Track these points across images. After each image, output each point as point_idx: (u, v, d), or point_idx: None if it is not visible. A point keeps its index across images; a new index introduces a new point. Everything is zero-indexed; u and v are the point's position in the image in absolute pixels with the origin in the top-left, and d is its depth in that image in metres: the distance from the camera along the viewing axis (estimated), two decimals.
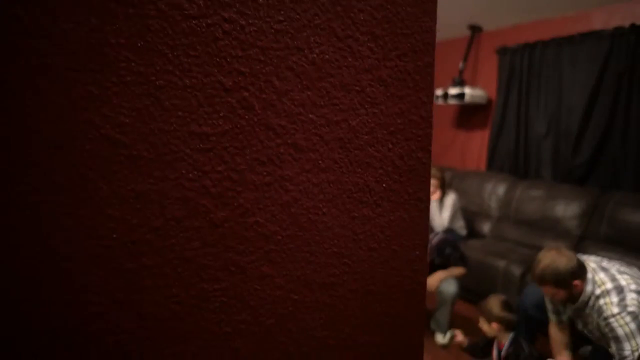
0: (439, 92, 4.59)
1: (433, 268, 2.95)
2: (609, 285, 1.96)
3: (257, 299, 0.44)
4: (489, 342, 2.38)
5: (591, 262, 2.10)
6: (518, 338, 2.26)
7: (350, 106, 0.48)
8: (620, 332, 1.86)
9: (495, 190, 4.21)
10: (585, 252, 3.37)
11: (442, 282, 2.91)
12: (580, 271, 1.98)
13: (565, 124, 3.89)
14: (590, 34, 3.64)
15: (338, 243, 0.48)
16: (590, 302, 1.99)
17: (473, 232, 4.19)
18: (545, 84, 4.03)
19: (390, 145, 0.50)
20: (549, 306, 2.27)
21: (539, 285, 2.07)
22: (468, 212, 4.36)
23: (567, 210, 3.60)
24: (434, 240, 2.91)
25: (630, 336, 1.85)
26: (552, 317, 2.28)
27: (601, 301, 1.96)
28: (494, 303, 2.28)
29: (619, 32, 3.45)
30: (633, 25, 3.38)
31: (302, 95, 0.45)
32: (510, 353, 2.24)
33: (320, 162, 0.47)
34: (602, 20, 3.66)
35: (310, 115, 0.46)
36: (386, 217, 0.51)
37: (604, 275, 2.01)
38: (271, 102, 0.44)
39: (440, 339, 2.99)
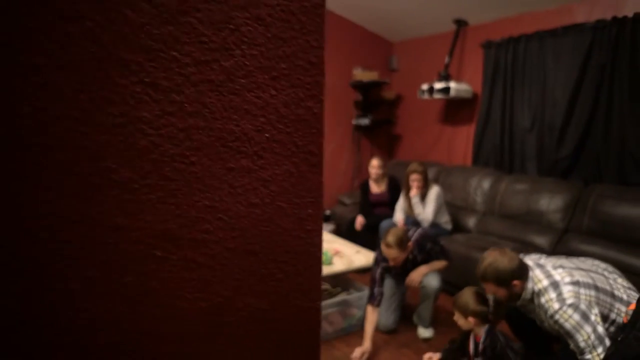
0: (424, 86, 4.56)
1: (415, 264, 2.91)
2: (545, 282, 1.96)
3: (110, 253, 0.40)
4: (465, 336, 2.35)
5: (530, 260, 2.11)
6: (493, 329, 2.22)
7: (222, 45, 0.44)
8: (567, 326, 1.85)
9: (481, 185, 4.18)
10: (568, 244, 3.35)
11: (425, 276, 2.87)
12: (520, 272, 1.99)
13: (550, 117, 3.86)
14: (572, 27, 3.62)
15: (211, 196, 0.44)
16: (535, 301, 2.00)
17: (458, 227, 4.16)
18: (530, 77, 4.00)
19: (274, 92, 0.46)
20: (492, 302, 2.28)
21: (482, 282, 2.07)
22: (454, 207, 4.33)
23: (551, 203, 3.57)
24: (414, 236, 2.88)
25: (577, 327, 1.83)
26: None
27: (542, 299, 1.95)
28: (469, 297, 2.25)
29: (600, 24, 3.43)
30: (614, 18, 3.35)
31: (162, 30, 0.41)
32: (487, 345, 2.20)
33: (186, 105, 0.42)
34: (584, 13, 3.64)
35: (173, 53, 0.42)
36: (269, 170, 0.47)
37: (539, 272, 2.01)
38: (123, 35, 0.40)
39: (423, 332, 2.96)
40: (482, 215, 4.12)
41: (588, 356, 1.82)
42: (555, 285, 1.93)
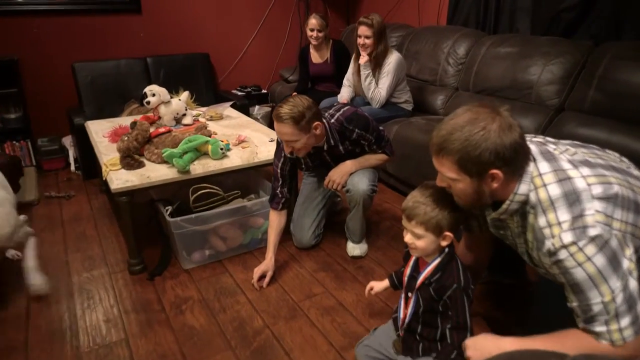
0: None
1: (340, 158, 2.00)
2: (556, 189, 1.05)
3: None
4: (405, 259, 1.52)
5: (532, 144, 1.16)
6: (453, 260, 1.38)
7: None
8: (579, 275, 1.00)
9: (455, 50, 3.13)
10: (562, 128, 2.44)
11: (351, 176, 1.98)
12: (511, 155, 1.03)
13: None
14: None
15: None
16: (528, 219, 1.12)
17: (421, 107, 3.20)
18: None
19: None
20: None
21: (435, 159, 1.14)
22: (418, 83, 3.33)
23: (545, 71, 2.59)
24: (335, 115, 1.90)
25: (597, 279, 0.99)
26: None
27: (541, 220, 1.07)
28: (431, 198, 1.32)
29: None
30: None
31: None
32: (436, 283, 1.37)
33: None
34: None
35: None
36: None
37: (546, 166, 1.09)
38: None
39: (352, 249, 2.16)
40: (454, 91, 3.14)
41: (600, 328, 1.00)
42: (574, 197, 1.03)
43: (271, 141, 2.39)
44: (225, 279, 1.99)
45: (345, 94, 3.14)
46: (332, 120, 1.89)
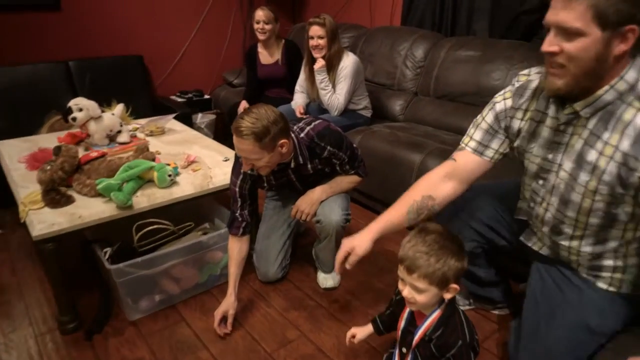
0: None
1: (307, 179, 1.77)
2: None
3: None
4: (398, 305, 1.31)
5: None
6: (455, 314, 1.19)
7: None
8: None
9: (412, 53, 2.98)
10: None
11: (321, 205, 1.75)
12: None
13: None
14: None
15: None
16: (624, 116, 0.96)
17: (379, 113, 3.03)
18: None
19: None
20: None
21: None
22: (375, 87, 3.16)
23: (510, 76, 2.50)
24: (305, 129, 1.66)
25: None
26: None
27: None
28: (437, 245, 1.11)
29: None
30: None
31: None
32: (438, 339, 1.18)
33: None
34: None
35: None
36: None
37: None
38: None
39: (324, 280, 1.94)
40: (413, 96, 3.00)
41: None
42: None
43: (225, 160, 2.10)
44: (181, 330, 1.69)
45: (299, 100, 2.90)
46: (302, 135, 1.64)
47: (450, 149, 2.26)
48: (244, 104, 3.08)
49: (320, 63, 2.62)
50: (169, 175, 1.78)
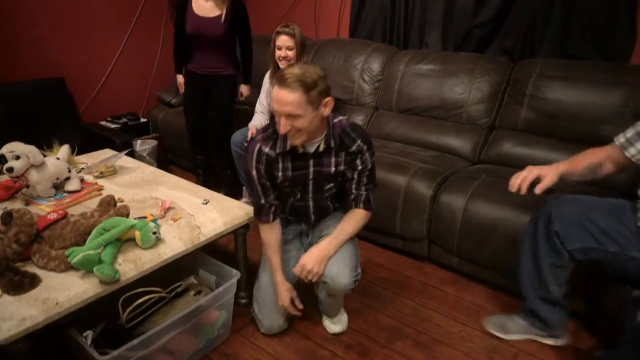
0: None
1: (322, 185, 1.62)
2: None
3: None
4: None
5: None
6: None
7: None
8: None
9: (369, 66, 2.93)
10: (499, 148, 2.42)
11: (329, 262, 1.58)
12: None
13: None
14: None
15: None
16: None
17: None
18: None
19: None
20: None
21: None
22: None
23: (474, 89, 2.54)
24: (334, 119, 1.55)
25: None
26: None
27: None
28: None
29: None
30: None
31: None
32: None
33: None
34: None
35: None
36: None
37: None
38: None
39: (331, 326, 1.79)
40: (374, 111, 2.95)
41: None
42: None
43: (205, 203, 1.86)
44: None
45: (257, 122, 2.67)
46: (335, 121, 1.54)
47: (432, 167, 2.23)
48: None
49: None
50: (154, 233, 1.51)
